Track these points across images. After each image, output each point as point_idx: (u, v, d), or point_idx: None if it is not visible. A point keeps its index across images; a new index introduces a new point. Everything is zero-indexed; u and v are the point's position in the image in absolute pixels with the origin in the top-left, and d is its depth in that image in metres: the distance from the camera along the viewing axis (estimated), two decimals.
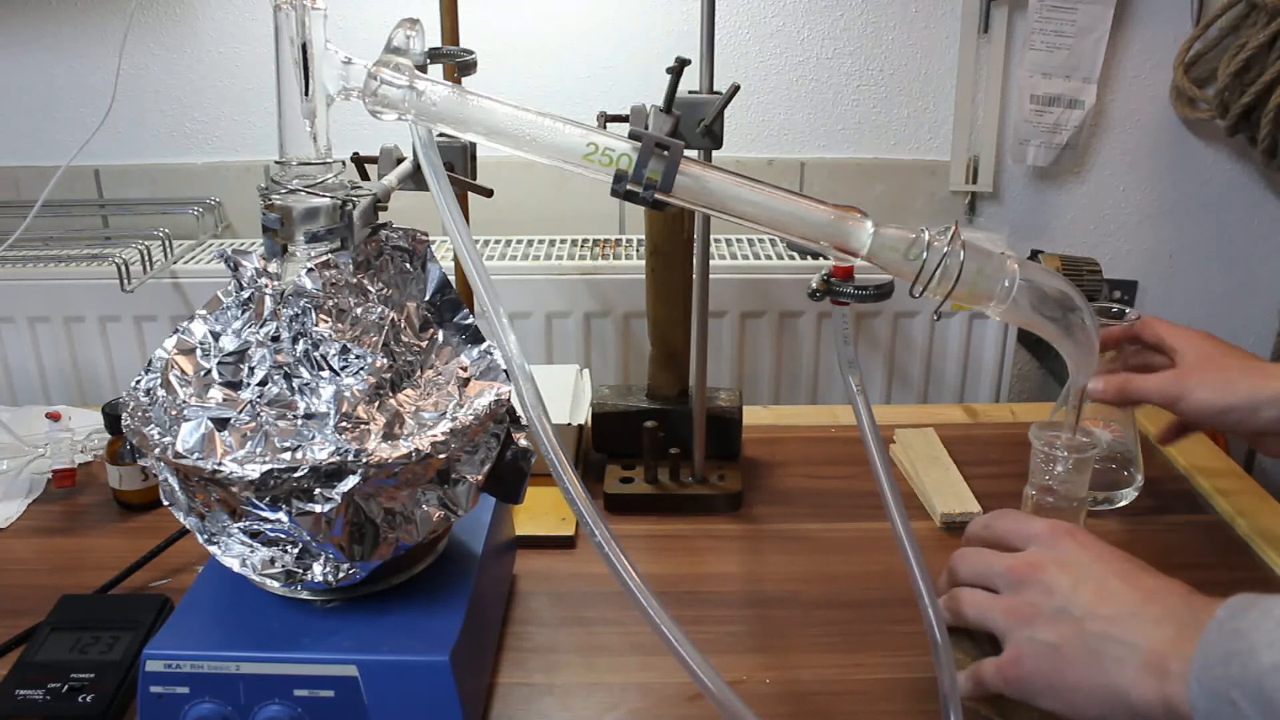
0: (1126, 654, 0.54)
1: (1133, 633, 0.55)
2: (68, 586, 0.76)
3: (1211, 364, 0.77)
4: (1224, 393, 0.74)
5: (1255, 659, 0.48)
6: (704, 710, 0.66)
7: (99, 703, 0.64)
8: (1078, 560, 0.59)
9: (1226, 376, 0.75)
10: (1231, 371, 0.76)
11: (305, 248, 0.61)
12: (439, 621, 0.61)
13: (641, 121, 0.72)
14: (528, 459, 0.65)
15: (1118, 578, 0.58)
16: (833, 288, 0.61)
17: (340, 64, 0.59)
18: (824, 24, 1.32)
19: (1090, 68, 1.32)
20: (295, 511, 0.56)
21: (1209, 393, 0.75)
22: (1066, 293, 0.59)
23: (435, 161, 0.60)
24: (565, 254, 1.27)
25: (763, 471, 0.97)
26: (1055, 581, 0.58)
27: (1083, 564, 0.59)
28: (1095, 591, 0.57)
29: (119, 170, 1.36)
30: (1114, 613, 0.56)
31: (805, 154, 1.38)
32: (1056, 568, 0.59)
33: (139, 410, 0.60)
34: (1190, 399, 0.76)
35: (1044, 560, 0.60)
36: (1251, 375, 0.74)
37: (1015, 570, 0.60)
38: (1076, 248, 1.43)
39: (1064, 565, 0.59)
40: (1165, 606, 0.55)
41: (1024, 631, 0.58)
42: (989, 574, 0.62)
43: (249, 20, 1.30)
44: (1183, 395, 0.76)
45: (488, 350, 0.65)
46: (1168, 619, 0.55)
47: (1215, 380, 0.75)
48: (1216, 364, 0.77)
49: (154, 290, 1.21)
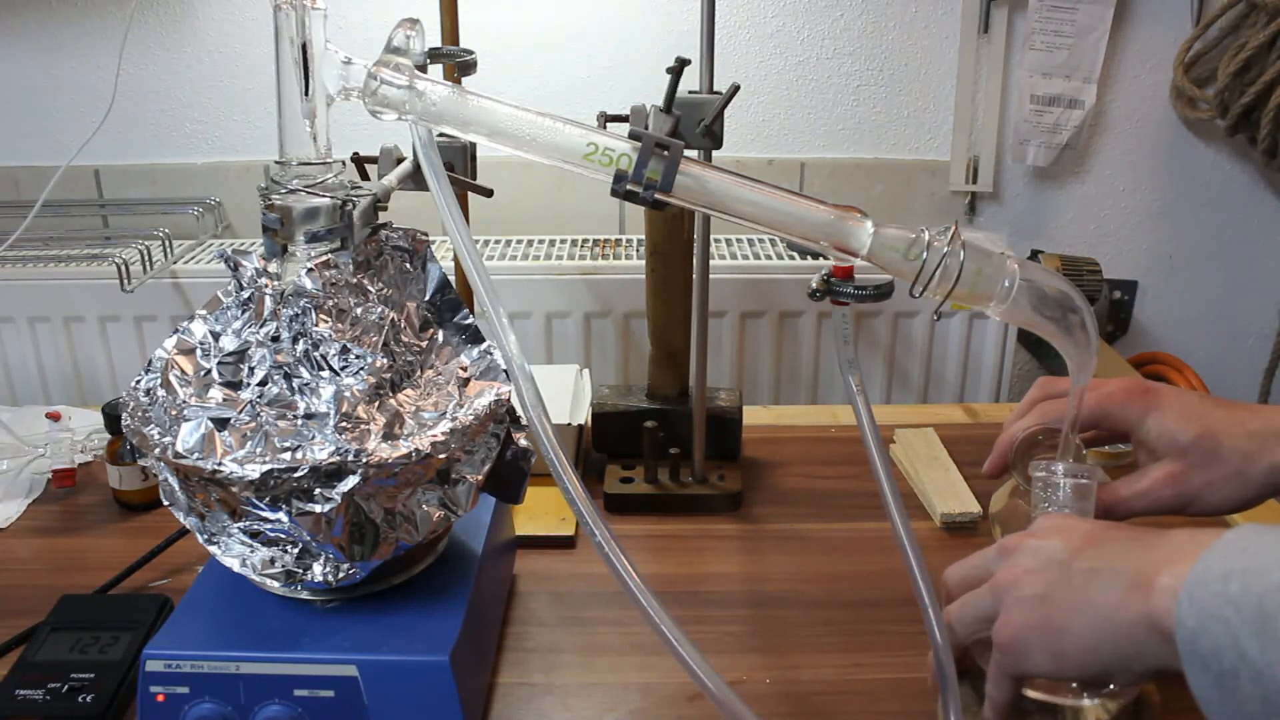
0: (1113, 580, 0.50)
1: (1122, 560, 0.50)
2: (68, 586, 0.76)
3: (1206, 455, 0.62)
4: (1239, 488, 0.62)
5: (1264, 577, 0.43)
6: (704, 710, 0.66)
7: (99, 703, 0.64)
8: (1070, 525, 0.56)
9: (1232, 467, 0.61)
10: (1233, 457, 0.61)
11: (305, 248, 0.61)
12: (439, 621, 0.61)
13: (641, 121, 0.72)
14: (528, 459, 0.65)
15: (1112, 528, 0.55)
16: (833, 288, 0.61)
17: (340, 64, 0.59)
18: (824, 24, 1.32)
19: (1090, 68, 1.32)
20: (295, 511, 0.56)
21: (1222, 494, 0.62)
22: (1066, 293, 0.59)
23: (435, 161, 0.60)
24: (565, 254, 1.27)
25: (763, 471, 0.97)
26: (1044, 543, 0.55)
27: (1073, 526, 0.56)
28: (1084, 539, 0.54)
29: (119, 170, 1.36)
30: (1103, 550, 0.52)
31: (805, 154, 1.38)
32: (1046, 534, 0.56)
33: (139, 410, 0.60)
34: (1199, 505, 0.62)
35: (1034, 530, 0.57)
36: (1255, 450, 0.61)
37: (1005, 546, 0.57)
38: (1076, 248, 1.43)
39: (1055, 530, 0.56)
40: (1163, 537, 0.50)
41: (1011, 594, 0.54)
42: (981, 563, 0.58)
43: (249, 20, 1.30)
44: (1189, 502, 0.62)
45: (488, 350, 0.65)
46: (1163, 544, 0.50)
47: (1222, 476, 0.61)
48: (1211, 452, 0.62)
49: (154, 290, 1.21)
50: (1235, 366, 1.50)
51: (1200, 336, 1.49)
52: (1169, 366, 1.43)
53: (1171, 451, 0.63)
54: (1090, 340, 0.60)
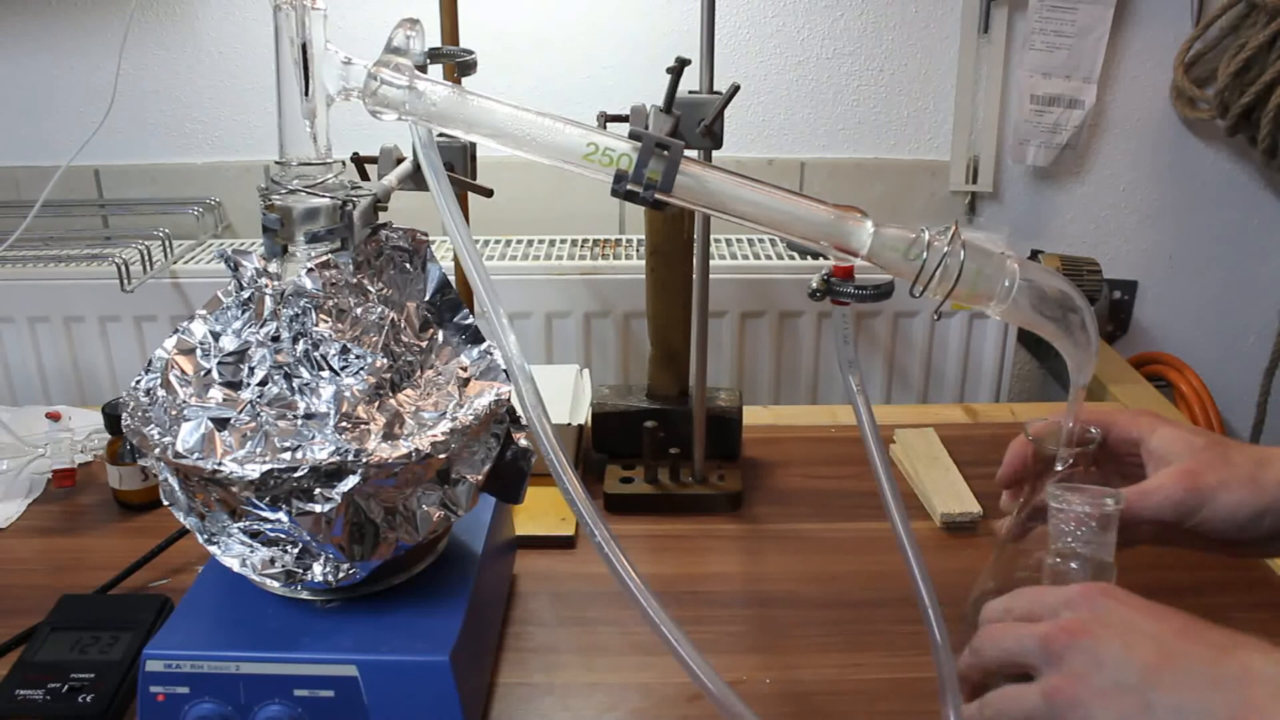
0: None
1: (1210, 698, 0.46)
2: (68, 586, 0.76)
3: (1217, 458, 0.60)
4: (1254, 494, 0.58)
5: None
6: (704, 710, 0.66)
7: (99, 703, 0.64)
8: (1125, 620, 0.50)
9: (1246, 472, 0.59)
10: (1246, 464, 0.59)
11: (305, 248, 0.61)
12: (439, 621, 0.61)
13: (641, 121, 0.71)
14: (528, 459, 0.65)
15: (1178, 635, 0.48)
16: (833, 288, 0.61)
17: (340, 64, 0.59)
18: (824, 24, 1.32)
19: (1090, 68, 1.32)
20: (295, 511, 0.56)
21: (1236, 496, 0.58)
22: (1066, 293, 0.59)
23: (435, 161, 0.60)
24: (565, 254, 1.27)
25: (763, 471, 0.97)
26: (1103, 648, 0.49)
27: (1131, 623, 0.49)
28: (1155, 654, 0.48)
29: (119, 170, 1.36)
30: (1182, 678, 0.47)
31: (805, 154, 1.38)
32: (1101, 630, 0.49)
33: (139, 410, 0.60)
34: (1212, 507, 0.58)
35: (1085, 624, 0.50)
36: (1269, 458, 0.59)
37: (1051, 639, 0.50)
38: (1076, 248, 1.43)
39: (1109, 626, 0.49)
40: (1244, 664, 0.46)
41: (1075, 714, 0.48)
42: (1020, 651, 0.51)
43: (249, 20, 1.30)
44: (1203, 502, 0.59)
45: (488, 350, 0.65)
46: (1249, 679, 0.45)
47: (1237, 479, 0.58)
48: (1222, 457, 0.60)
49: (154, 290, 1.21)
50: (1235, 366, 1.50)
51: (1200, 336, 1.49)
52: (1169, 366, 1.43)
53: (1185, 453, 0.61)
54: (1090, 340, 0.60)
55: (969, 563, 0.79)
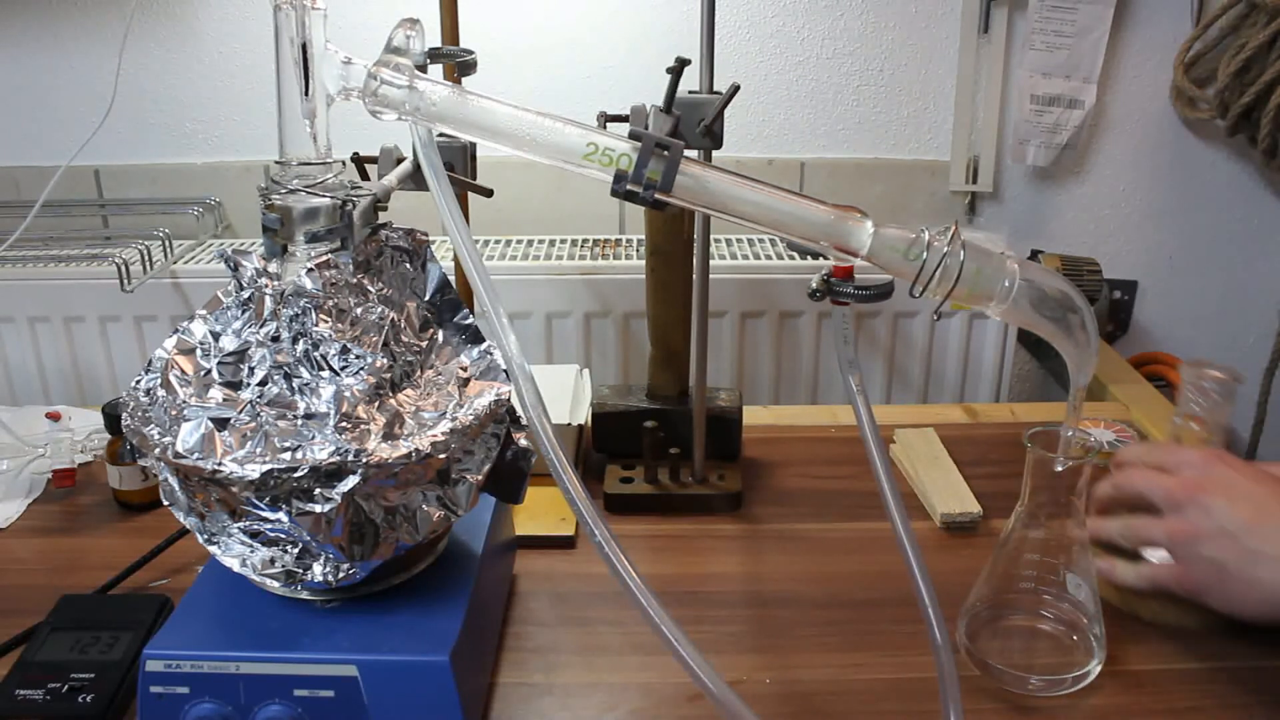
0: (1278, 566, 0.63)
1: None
2: (68, 586, 0.76)
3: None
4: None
5: None
6: (704, 710, 0.66)
7: (99, 703, 0.64)
8: (1231, 482, 0.67)
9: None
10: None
11: (305, 248, 0.61)
12: (439, 621, 0.61)
13: (641, 121, 0.72)
14: (528, 459, 0.65)
15: (1271, 497, 0.65)
16: (833, 288, 0.61)
17: (340, 64, 0.59)
18: (824, 24, 1.32)
19: (1090, 68, 1.32)
20: (295, 511, 0.56)
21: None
22: (1066, 293, 0.59)
23: (435, 161, 0.60)
24: (565, 254, 1.27)
25: (763, 471, 0.97)
26: (1213, 503, 0.66)
27: (1235, 485, 0.67)
28: (1250, 511, 0.65)
29: (119, 170, 1.36)
30: (1269, 530, 0.64)
31: (805, 154, 1.38)
32: (1213, 490, 0.67)
33: (139, 410, 0.60)
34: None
35: (1200, 482, 0.67)
36: None
37: (1174, 491, 0.68)
38: (1076, 248, 1.43)
39: (1218, 487, 0.67)
40: None
41: (1189, 549, 0.67)
42: (1150, 493, 0.69)
43: (249, 20, 1.30)
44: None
45: (488, 350, 0.65)
46: None
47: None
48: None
49: (154, 290, 1.21)
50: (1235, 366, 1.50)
51: (1200, 336, 1.49)
52: (1169, 366, 1.43)
53: None
54: (1090, 340, 0.60)
55: (969, 563, 0.79)
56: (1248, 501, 0.66)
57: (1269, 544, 0.64)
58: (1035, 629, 0.71)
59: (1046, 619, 0.71)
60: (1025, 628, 0.71)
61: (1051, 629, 0.71)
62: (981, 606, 0.72)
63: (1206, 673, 0.69)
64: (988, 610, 0.72)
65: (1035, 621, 0.71)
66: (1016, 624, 0.71)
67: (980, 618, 0.72)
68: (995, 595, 0.72)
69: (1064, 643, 0.70)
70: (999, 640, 0.71)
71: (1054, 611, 0.71)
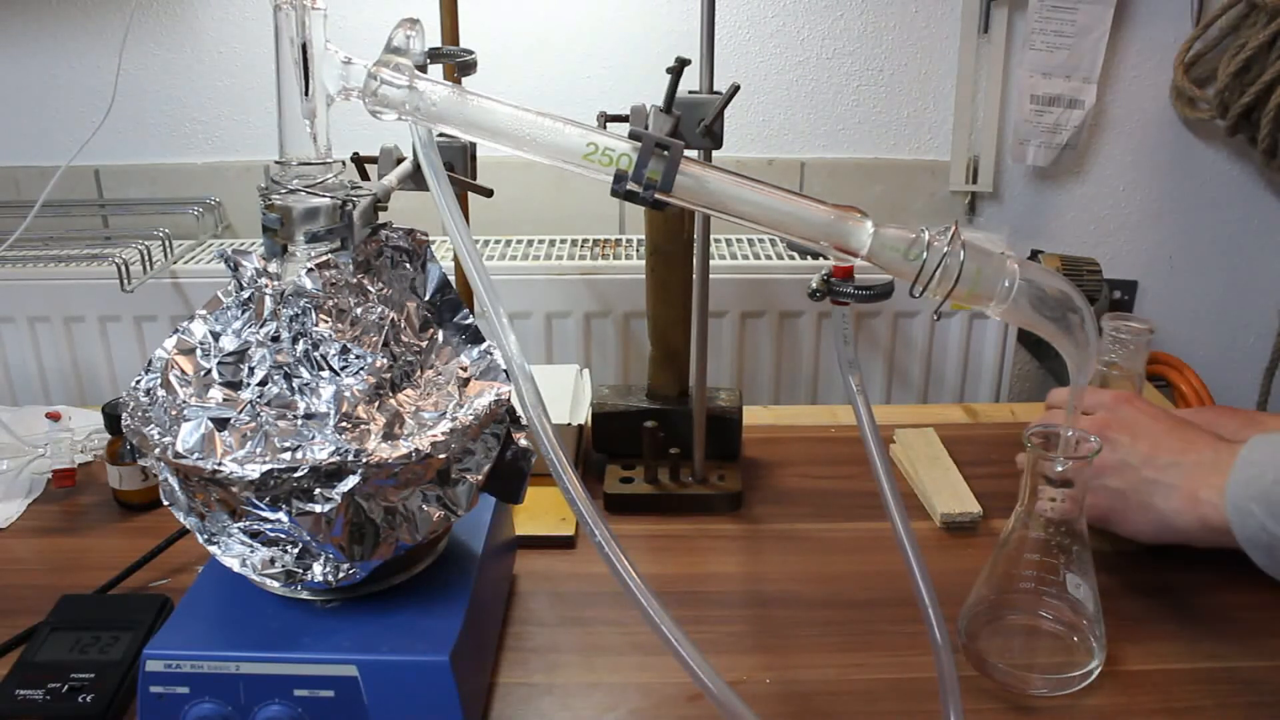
0: (1169, 492, 0.71)
1: (1173, 475, 0.72)
2: (68, 586, 0.76)
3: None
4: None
5: (1264, 478, 0.65)
6: (704, 710, 0.66)
7: (99, 703, 0.64)
8: (1134, 420, 0.76)
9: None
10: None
11: (305, 248, 0.61)
12: (439, 621, 0.61)
13: (641, 121, 0.72)
14: (528, 459, 0.65)
15: (1166, 433, 0.74)
16: (833, 288, 0.61)
17: (340, 64, 0.59)
18: (824, 24, 1.32)
19: (1090, 68, 1.32)
20: (295, 511, 0.56)
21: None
22: (1066, 293, 0.59)
23: (435, 161, 0.60)
24: (565, 254, 1.27)
25: (763, 471, 0.97)
26: (1117, 439, 0.75)
27: (1138, 423, 0.75)
28: (1149, 446, 0.74)
29: (119, 170, 1.36)
30: (1161, 461, 0.72)
31: (805, 154, 1.38)
32: (1118, 427, 0.75)
33: (139, 410, 0.60)
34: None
35: (1109, 421, 0.76)
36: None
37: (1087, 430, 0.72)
38: (1076, 248, 1.43)
39: (1124, 425, 0.75)
40: (1199, 454, 0.71)
41: (1096, 480, 0.75)
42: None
43: (249, 20, 1.30)
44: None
45: (488, 350, 0.65)
46: (1201, 464, 0.70)
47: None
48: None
49: (154, 290, 1.21)
50: (1235, 366, 1.50)
51: (1200, 336, 1.49)
52: (1169, 366, 1.43)
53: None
54: (1090, 340, 0.60)
55: (969, 563, 0.79)
56: (1148, 438, 0.74)
57: (1163, 474, 0.72)
58: (1035, 629, 0.71)
59: (1046, 619, 0.71)
60: (1025, 627, 0.71)
61: (1051, 629, 0.71)
62: (981, 606, 0.72)
63: (1206, 673, 0.69)
64: (988, 610, 0.72)
65: (1035, 621, 0.71)
66: (1016, 624, 0.71)
67: (980, 618, 0.72)
68: (995, 595, 0.72)
69: (1064, 643, 0.70)
70: (999, 640, 0.71)
71: (1054, 611, 0.71)
